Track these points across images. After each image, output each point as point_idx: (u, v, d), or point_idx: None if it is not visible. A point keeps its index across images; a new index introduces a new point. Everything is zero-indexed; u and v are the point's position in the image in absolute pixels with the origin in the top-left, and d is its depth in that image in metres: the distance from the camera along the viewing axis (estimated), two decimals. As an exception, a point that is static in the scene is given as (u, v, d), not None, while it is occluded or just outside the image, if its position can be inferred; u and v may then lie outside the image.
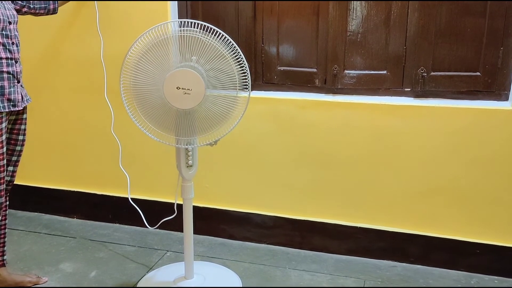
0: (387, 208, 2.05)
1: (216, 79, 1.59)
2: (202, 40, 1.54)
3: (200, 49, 1.55)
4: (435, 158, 1.96)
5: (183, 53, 1.57)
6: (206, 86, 1.56)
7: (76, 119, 2.33)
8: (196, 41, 1.55)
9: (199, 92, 1.57)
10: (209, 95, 1.60)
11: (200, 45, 1.55)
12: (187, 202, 1.76)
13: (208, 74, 1.59)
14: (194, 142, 1.65)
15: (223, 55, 1.58)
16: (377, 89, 2.02)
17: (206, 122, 1.63)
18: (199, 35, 1.54)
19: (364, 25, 1.98)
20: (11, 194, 2.51)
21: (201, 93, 1.57)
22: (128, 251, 2.15)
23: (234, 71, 1.59)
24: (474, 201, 1.95)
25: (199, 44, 1.55)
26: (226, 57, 1.57)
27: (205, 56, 1.57)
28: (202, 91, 1.57)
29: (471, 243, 1.98)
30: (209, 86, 1.60)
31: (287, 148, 2.11)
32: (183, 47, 1.56)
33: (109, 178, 2.34)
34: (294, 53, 2.09)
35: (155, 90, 1.58)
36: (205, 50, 1.56)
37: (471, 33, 1.89)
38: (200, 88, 1.56)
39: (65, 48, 2.26)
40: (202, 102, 1.58)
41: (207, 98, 1.60)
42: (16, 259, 2.07)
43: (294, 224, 2.17)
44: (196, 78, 1.55)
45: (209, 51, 1.56)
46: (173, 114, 1.61)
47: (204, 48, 1.55)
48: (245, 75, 1.61)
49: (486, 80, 1.91)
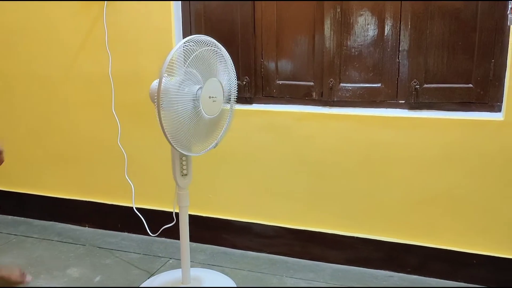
0: (384, 218, 2.08)
1: (226, 92, 1.77)
2: (220, 55, 1.70)
3: (221, 63, 1.71)
4: (430, 168, 1.98)
5: (210, 65, 1.68)
6: (224, 95, 1.73)
7: (86, 131, 2.45)
8: (216, 55, 1.69)
9: (220, 99, 1.72)
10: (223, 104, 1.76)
11: (220, 59, 1.71)
12: (183, 210, 1.83)
13: (224, 86, 1.76)
14: (190, 151, 1.73)
15: (231, 70, 1.76)
16: (372, 101, 2.07)
17: (207, 131, 1.72)
18: (218, 50, 1.70)
19: (358, 40, 2.04)
20: (28, 204, 2.66)
21: (221, 102, 1.72)
22: (133, 258, 2.23)
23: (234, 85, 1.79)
24: (470, 212, 1.97)
25: (219, 59, 1.70)
26: (232, 72, 1.76)
27: (222, 69, 1.72)
28: (221, 100, 1.72)
29: (468, 254, 1.99)
30: (227, 96, 1.77)
31: (287, 160, 2.17)
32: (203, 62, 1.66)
33: (117, 188, 2.44)
34: (292, 67, 2.16)
35: (195, 101, 1.64)
36: (224, 65, 1.71)
37: (462, 46, 1.92)
38: (221, 95, 1.71)
39: (76, 64, 2.39)
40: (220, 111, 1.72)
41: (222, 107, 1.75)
42: (27, 264, 2.18)
43: (294, 234, 2.22)
44: (219, 87, 1.69)
45: (226, 66, 1.73)
46: (204, 124, 1.70)
47: (223, 63, 1.72)
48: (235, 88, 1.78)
49: (478, 92, 1.93)
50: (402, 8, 1.96)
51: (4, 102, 2.58)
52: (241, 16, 2.16)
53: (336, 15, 2.03)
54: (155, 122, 2.04)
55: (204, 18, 2.23)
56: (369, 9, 2.01)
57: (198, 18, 2.24)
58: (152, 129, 2.27)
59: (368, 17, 2.02)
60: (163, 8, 2.19)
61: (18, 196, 2.67)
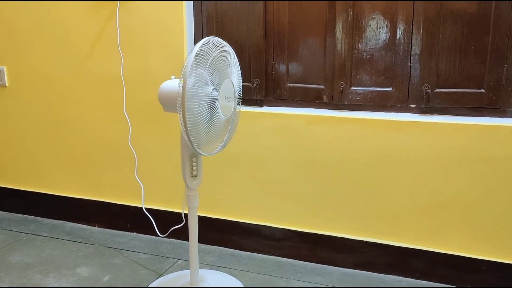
0: (392, 222, 2.08)
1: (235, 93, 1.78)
2: (232, 57, 1.71)
3: (233, 65, 1.72)
4: (440, 173, 1.98)
5: (223, 68, 1.69)
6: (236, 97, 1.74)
7: (96, 131, 2.47)
8: (230, 57, 1.71)
9: (234, 99, 1.74)
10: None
11: (232, 61, 1.72)
12: (192, 211, 1.84)
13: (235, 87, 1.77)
14: (199, 152, 1.73)
15: (239, 72, 1.77)
16: (383, 105, 2.07)
17: (218, 132, 1.73)
18: (231, 52, 1.72)
19: (370, 44, 2.04)
20: (38, 203, 2.68)
21: (234, 103, 1.74)
22: (141, 259, 2.24)
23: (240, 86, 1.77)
24: (480, 218, 1.96)
25: (232, 61, 1.72)
26: (240, 74, 1.77)
27: (234, 72, 1.73)
28: (235, 100, 1.74)
29: (477, 260, 1.98)
30: (237, 98, 1.78)
31: (296, 162, 2.17)
32: (223, 63, 1.69)
33: (126, 188, 2.45)
34: (303, 70, 2.16)
35: (214, 101, 1.64)
36: (236, 67, 1.73)
37: (475, 50, 1.92)
38: (234, 98, 1.73)
39: (88, 65, 2.40)
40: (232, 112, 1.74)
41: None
42: (37, 262, 2.19)
43: (302, 237, 2.22)
44: (231, 87, 1.71)
45: (237, 68, 1.74)
46: (220, 123, 1.72)
47: (235, 65, 1.73)
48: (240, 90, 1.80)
49: (490, 97, 1.92)
50: (415, 12, 1.96)
51: (15, 101, 2.60)
52: (252, 18, 2.17)
53: (348, 18, 2.03)
54: (166, 123, 2.06)
55: (216, 20, 2.24)
56: (381, 13, 2.01)
57: (210, 20, 2.25)
58: (163, 130, 2.30)
59: (380, 21, 2.01)
60: (175, 10, 2.20)
61: (29, 195, 2.70)
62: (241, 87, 1.81)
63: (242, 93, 1.83)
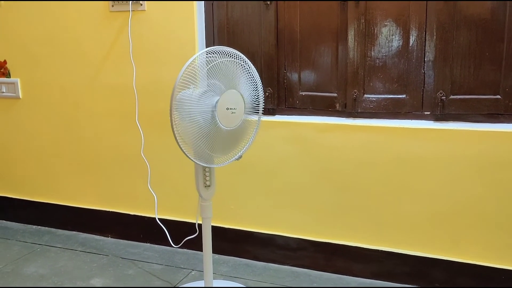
0: (409, 231, 2.05)
1: (248, 103, 1.74)
2: (242, 66, 1.69)
3: (242, 75, 1.69)
4: (456, 181, 1.95)
5: (228, 77, 1.67)
6: (245, 107, 1.71)
7: (109, 142, 2.47)
8: (237, 66, 1.68)
9: (240, 113, 1.70)
10: (245, 116, 1.73)
11: (242, 70, 1.69)
12: (206, 221, 1.83)
13: (245, 98, 1.73)
14: (212, 162, 1.73)
15: (256, 82, 1.74)
16: (396, 112, 2.04)
17: (230, 143, 1.72)
18: (241, 62, 1.69)
19: (383, 51, 2.03)
20: (51, 214, 2.69)
21: (241, 114, 1.70)
22: (155, 269, 2.23)
23: (259, 96, 1.76)
24: (499, 226, 1.92)
25: (240, 70, 1.69)
26: (257, 84, 1.74)
27: (244, 81, 1.70)
28: (242, 112, 1.70)
29: (496, 269, 1.94)
30: (248, 108, 1.74)
31: (310, 171, 2.15)
32: (228, 72, 1.67)
33: (140, 198, 2.45)
34: (315, 78, 2.15)
35: (211, 112, 1.64)
36: (245, 76, 1.70)
37: (489, 56, 1.89)
38: (241, 109, 1.69)
39: (101, 76, 2.41)
40: (241, 122, 1.70)
41: (243, 119, 1.72)
42: (51, 273, 2.19)
43: (318, 247, 2.19)
44: (239, 99, 1.67)
45: (247, 78, 1.70)
46: (222, 135, 1.69)
47: (244, 74, 1.70)
48: (258, 100, 1.75)
49: (507, 103, 1.90)
50: (427, 18, 1.94)
51: (29, 113, 2.62)
52: (264, 27, 2.17)
53: (360, 25, 2.02)
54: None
55: (227, 29, 2.24)
56: (393, 20, 1.99)
57: (221, 29, 2.25)
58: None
59: (393, 28, 2.00)
60: (187, 20, 2.20)
61: (42, 206, 2.71)
62: (259, 97, 1.78)
63: (259, 103, 1.79)
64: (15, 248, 2.47)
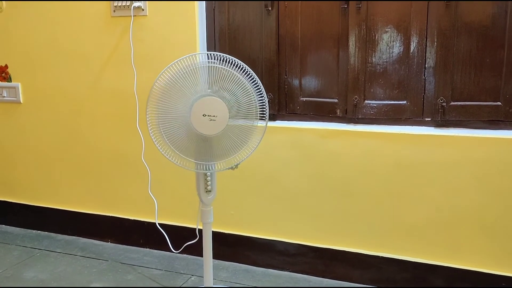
0: (409, 237, 2.04)
1: (238, 109, 1.69)
2: (226, 71, 1.65)
3: (224, 79, 1.66)
4: (457, 187, 1.95)
5: (209, 83, 1.66)
6: (229, 113, 1.67)
7: (110, 146, 2.47)
8: (220, 72, 1.65)
9: (223, 119, 1.66)
10: (232, 123, 1.69)
11: (225, 76, 1.65)
12: (207, 226, 1.83)
13: (230, 103, 1.69)
14: (213, 168, 1.73)
15: (245, 87, 1.68)
16: (397, 119, 2.05)
17: (225, 148, 1.71)
18: (223, 67, 1.65)
19: (384, 57, 2.03)
20: (51, 218, 2.68)
21: (225, 120, 1.66)
22: (155, 275, 2.23)
23: (253, 102, 1.69)
24: (499, 233, 1.92)
25: (223, 75, 1.65)
26: (248, 89, 1.68)
27: (228, 86, 1.67)
28: (226, 118, 1.66)
29: (496, 276, 1.94)
30: (234, 114, 1.70)
31: (310, 177, 2.15)
32: (209, 77, 1.67)
33: (140, 203, 2.45)
34: (316, 84, 2.16)
35: (181, 117, 1.66)
36: (229, 81, 1.66)
37: (490, 63, 1.90)
38: (224, 115, 1.66)
39: (102, 81, 2.42)
40: (226, 128, 1.67)
41: (228, 126, 1.68)
42: (50, 279, 2.19)
43: (317, 252, 2.19)
44: (221, 105, 1.65)
45: (232, 82, 1.66)
46: (194, 140, 1.69)
47: (227, 79, 1.66)
48: (263, 106, 1.70)
49: (507, 110, 1.90)
50: (428, 25, 1.95)
51: (30, 118, 2.62)
52: (265, 33, 2.17)
53: (361, 31, 2.03)
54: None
55: (228, 35, 2.25)
56: (394, 26, 2.00)
57: (222, 35, 2.26)
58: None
59: (393, 34, 2.00)
60: (188, 25, 2.21)
61: (42, 211, 2.70)
62: (252, 103, 1.72)
63: (260, 109, 1.74)
64: (15, 253, 2.46)
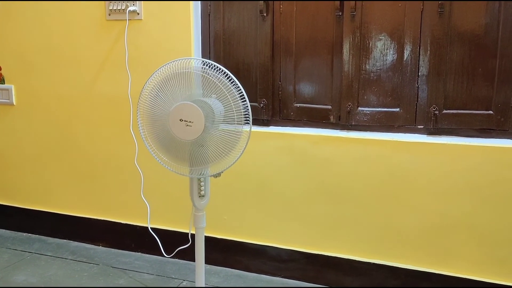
0: (400, 244, 2.05)
1: (218, 115, 1.67)
2: (207, 77, 1.64)
3: (206, 85, 1.66)
4: (448, 195, 1.96)
5: (189, 88, 1.67)
6: (206, 120, 1.64)
7: (103, 150, 2.47)
8: (203, 78, 1.65)
9: (199, 125, 1.65)
10: (211, 129, 1.67)
11: (210, 82, 1.64)
12: (199, 231, 1.83)
13: (207, 110, 1.67)
14: (205, 173, 1.73)
15: (226, 91, 1.65)
16: (390, 126, 2.06)
17: (209, 154, 1.70)
18: (202, 73, 1.65)
19: (377, 64, 2.05)
20: (42, 221, 2.67)
21: (201, 126, 1.65)
22: (146, 279, 2.22)
23: (234, 107, 1.67)
24: (490, 240, 1.93)
25: (208, 81, 1.64)
26: (225, 94, 1.65)
27: (210, 92, 1.67)
28: (202, 124, 1.64)
29: (486, 283, 1.95)
30: (213, 120, 1.67)
31: (303, 183, 2.16)
32: (187, 83, 1.68)
33: (132, 208, 2.44)
34: (310, 90, 2.17)
35: (160, 121, 1.70)
36: (211, 87, 1.65)
37: (482, 72, 1.92)
38: (200, 121, 1.64)
39: (96, 84, 2.41)
40: (204, 134, 1.66)
41: (209, 131, 1.67)
42: (41, 282, 2.18)
43: (309, 258, 2.19)
44: (197, 111, 1.64)
45: (214, 88, 1.65)
46: (181, 145, 1.69)
47: (209, 85, 1.65)
48: (247, 111, 1.69)
49: (499, 119, 1.92)
50: (422, 34, 1.97)
51: (23, 120, 2.61)
52: (259, 38, 2.18)
53: (355, 39, 2.04)
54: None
55: (223, 40, 2.26)
56: (388, 34, 2.01)
57: (217, 40, 2.27)
58: (169, 149, 2.28)
59: (387, 42, 2.02)
60: (183, 30, 2.21)
61: (33, 214, 2.69)
62: (234, 109, 1.66)
63: (248, 114, 1.72)
64: (5, 256, 2.45)
